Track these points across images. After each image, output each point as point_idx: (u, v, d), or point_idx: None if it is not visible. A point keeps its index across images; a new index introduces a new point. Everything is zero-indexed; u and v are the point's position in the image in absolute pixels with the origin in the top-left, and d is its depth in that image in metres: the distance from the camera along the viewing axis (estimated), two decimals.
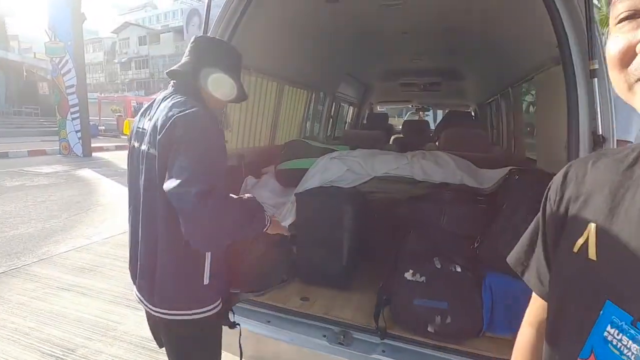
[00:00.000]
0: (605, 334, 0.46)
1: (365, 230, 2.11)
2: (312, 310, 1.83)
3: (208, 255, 1.13)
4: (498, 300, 1.59)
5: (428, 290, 1.63)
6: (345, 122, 5.37)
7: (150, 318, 1.24)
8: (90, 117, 12.00)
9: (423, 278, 1.65)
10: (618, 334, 0.45)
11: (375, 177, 2.24)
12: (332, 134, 4.47)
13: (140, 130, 1.17)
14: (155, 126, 1.08)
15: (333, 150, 2.43)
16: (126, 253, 1.26)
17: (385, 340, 1.59)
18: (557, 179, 0.58)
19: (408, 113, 11.23)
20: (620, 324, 0.45)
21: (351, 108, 5.36)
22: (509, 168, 2.14)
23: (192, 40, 1.22)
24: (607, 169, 0.51)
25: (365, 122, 5.63)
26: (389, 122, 6.68)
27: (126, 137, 9.79)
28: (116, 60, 46.53)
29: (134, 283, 1.24)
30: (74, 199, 6.17)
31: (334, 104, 4.20)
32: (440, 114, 8.02)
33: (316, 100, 3.63)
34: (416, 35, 3.01)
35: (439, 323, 1.57)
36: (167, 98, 1.14)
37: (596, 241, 0.49)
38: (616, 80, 0.42)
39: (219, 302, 1.20)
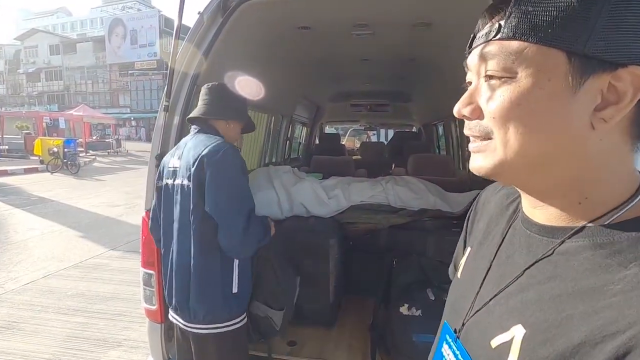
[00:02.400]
0: (443, 351, 0.51)
1: (349, 263, 2.05)
2: (303, 356, 1.70)
3: (236, 266, 1.35)
4: None
5: (426, 324, 1.60)
6: (299, 143, 5.33)
7: (182, 337, 1.42)
8: None
9: (419, 312, 1.63)
10: (448, 351, 0.49)
11: (351, 205, 2.21)
12: (289, 156, 4.39)
13: (172, 168, 1.39)
14: (187, 163, 1.31)
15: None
16: (55, 301, 1.25)
17: None
18: (476, 200, 0.62)
19: (349, 131, 11.59)
20: (449, 341, 0.49)
21: (304, 129, 5.35)
22: (477, 192, 2.26)
23: (204, 89, 1.47)
24: (498, 200, 0.54)
25: (317, 142, 5.65)
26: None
27: (37, 158, 8.63)
28: (21, 71, 40.97)
29: (170, 307, 1.42)
30: None
31: (290, 126, 4.14)
32: (383, 133, 8.40)
33: (275, 123, 3.54)
34: (374, 62, 3.11)
35: None
36: (194, 138, 1.38)
37: (465, 263, 0.55)
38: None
39: (244, 315, 1.39)
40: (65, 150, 12.36)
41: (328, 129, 7.23)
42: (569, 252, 0.38)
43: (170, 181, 1.40)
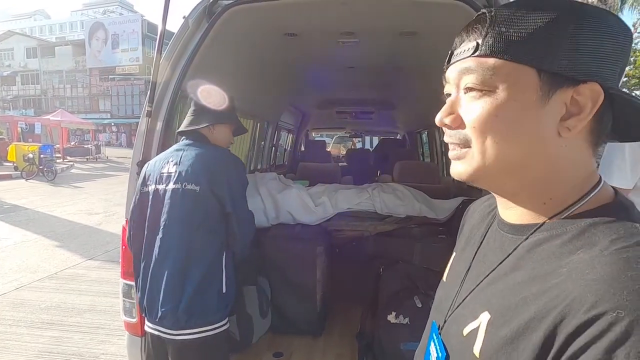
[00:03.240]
0: (430, 349, 0.54)
1: (337, 271, 2.03)
2: None
3: (223, 266, 1.38)
4: None
5: (413, 332, 1.60)
6: (285, 150, 5.31)
7: (159, 348, 1.39)
8: None
9: (407, 319, 1.62)
10: (433, 348, 0.53)
11: (338, 213, 2.20)
12: (275, 163, 4.36)
13: (165, 174, 1.40)
14: (193, 170, 1.36)
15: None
16: (27, 315, 1.18)
17: None
18: (465, 211, 0.67)
19: (335, 137, 11.62)
20: (435, 338, 0.53)
21: (290, 135, 5.33)
22: (461, 199, 2.29)
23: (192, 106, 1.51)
24: (482, 209, 0.60)
25: (303, 149, 5.64)
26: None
27: (11, 164, 8.26)
28: None
29: (150, 317, 1.38)
30: None
31: (276, 132, 4.12)
32: (368, 140, 8.47)
33: (261, 130, 3.51)
34: (360, 69, 3.13)
35: None
36: (190, 147, 1.43)
37: (450, 267, 0.60)
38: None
39: (227, 318, 1.41)
40: (42, 156, 11.94)
41: (314, 136, 7.22)
42: (531, 245, 0.43)
43: (161, 186, 1.39)
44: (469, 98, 0.44)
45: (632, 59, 13.60)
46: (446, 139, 0.48)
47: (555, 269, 0.38)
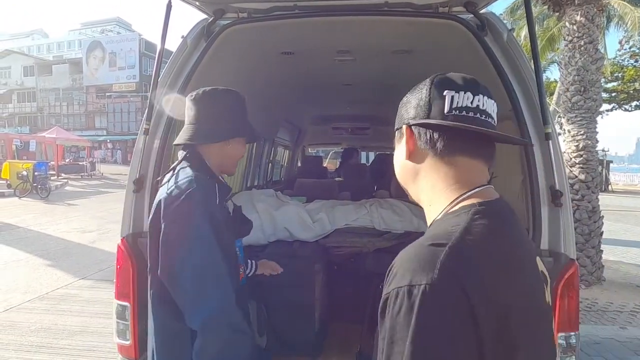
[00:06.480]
0: None
1: (335, 288, 2.00)
2: None
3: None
4: None
5: None
6: (282, 166, 5.31)
7: None
8: None
9: None
10: None
11: (336, 229, 2.18)
12: (271, 180, 4.37)
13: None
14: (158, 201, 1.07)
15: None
16: (16, 338, 1.33)
17: None
18: None
19: (331, 153, 11.67)
20: None
21: (286, 151, 5.35)
22: None
23: (188, 102, 1.20)
24: None
25: (300, 165, 5.66)
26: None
27: (5, 181, 8.17)
28: None
29: None
30: None
31: (272, 149, 4.14)
32: (364, 155, 8.50)
33: (257, 146, 3.52)
34: (356, 86, 3.18)
35: None
36: (177, 167, 1.14)
37: None
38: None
39: None
40: (36, 173, 11.87)
41: (310, 151, 7.25)
42: None
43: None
44: None
45: (620, 75, 13.95)
46: None
47: None
